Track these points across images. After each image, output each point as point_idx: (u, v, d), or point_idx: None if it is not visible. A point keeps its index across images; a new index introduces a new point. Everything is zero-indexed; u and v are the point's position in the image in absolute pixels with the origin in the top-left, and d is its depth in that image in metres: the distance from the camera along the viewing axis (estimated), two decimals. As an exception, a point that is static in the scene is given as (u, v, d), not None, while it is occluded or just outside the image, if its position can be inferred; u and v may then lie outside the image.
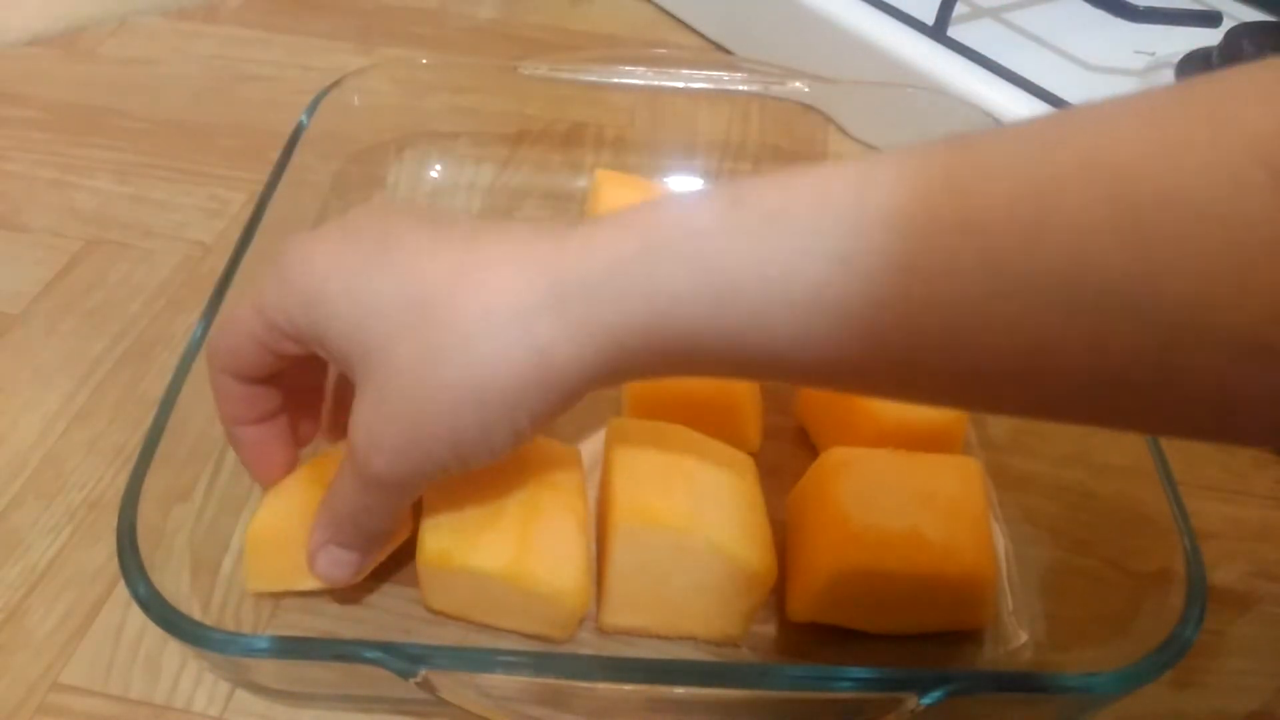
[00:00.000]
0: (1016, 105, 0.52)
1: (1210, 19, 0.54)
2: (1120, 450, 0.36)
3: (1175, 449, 0.36)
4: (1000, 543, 0.39)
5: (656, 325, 0.27)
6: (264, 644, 0.29)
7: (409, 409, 0.28)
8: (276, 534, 0.35)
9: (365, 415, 0.29)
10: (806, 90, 0.51)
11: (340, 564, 0.33)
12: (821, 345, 0.25)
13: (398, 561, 0.37)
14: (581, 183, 0.54)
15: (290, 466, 0.36)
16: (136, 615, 0.32)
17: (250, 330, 0.31)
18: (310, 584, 0.36)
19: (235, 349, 0.32)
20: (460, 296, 0.27)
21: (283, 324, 0.30)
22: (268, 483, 0.35)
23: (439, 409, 0.28)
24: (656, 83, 0.50)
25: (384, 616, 0.36)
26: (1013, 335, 0.23)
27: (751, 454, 0.38)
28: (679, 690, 0.29)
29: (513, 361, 0.27)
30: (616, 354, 0.27)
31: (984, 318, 0.23)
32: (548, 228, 0.29)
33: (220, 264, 0.40)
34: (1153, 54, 0.56)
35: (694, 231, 0.26)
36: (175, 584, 0.32)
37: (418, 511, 0.35)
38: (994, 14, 0.60)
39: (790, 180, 0.26)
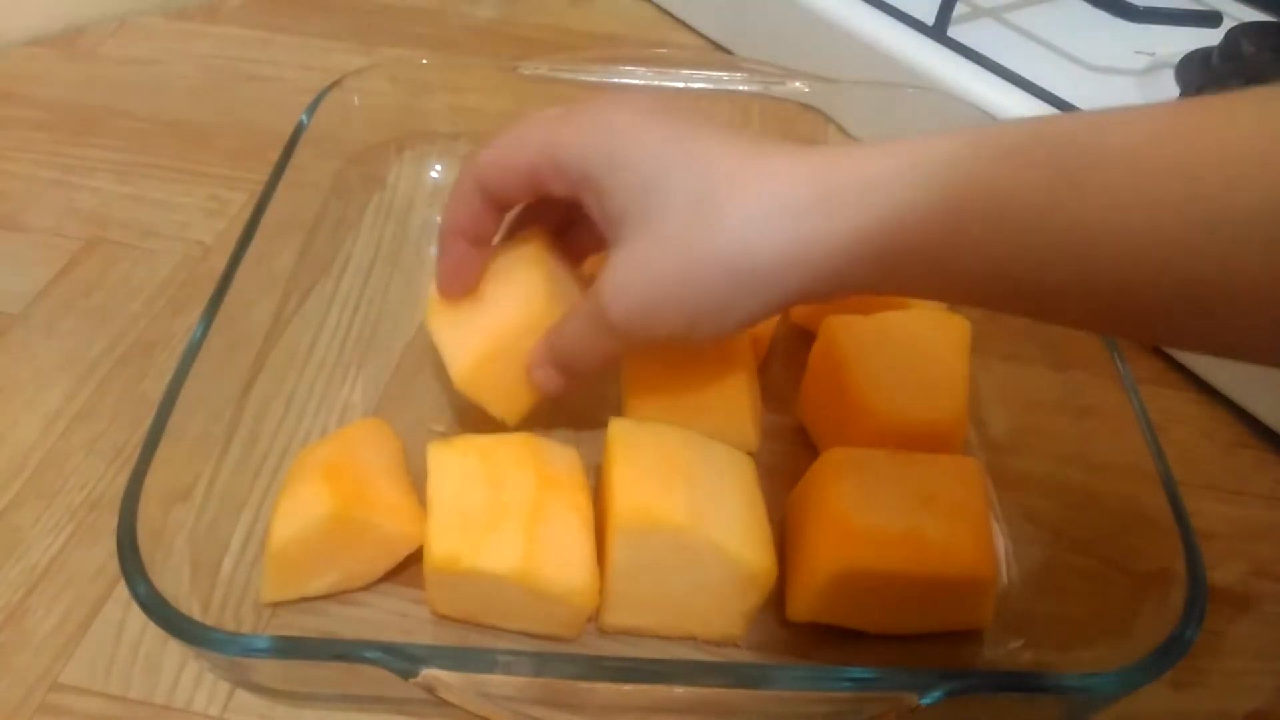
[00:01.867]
0: (1016, 105, 0.52)
1: (1210, 19, 0.54)
2: (1120, 450, 0.36)
3: (1175, 449, 0.36)
4: (1000, 543, 0.39)
5: (895, 236, 0.29)
6: (264, 644, 0.29)
7: (668, 270, 0.32)
8: (296, 545, 0.35)
9: (622, 267, 0.33)
10: (806, 90, 0.51)
11: (550, 381, 0.38)
12: (1026, 264, 0.28)
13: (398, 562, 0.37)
14: (581, 183, 0.54)
15: (467, 290, 0.38)
16: (136, 615, 0.32)
17: (531, 160, 0.35)
18: (321, 587, 0.36)
19: (506, 168, 0.35)
20: (742, 184, 0.31)
21: (570, 167, 0.34)
22: (447, 295, 0.39)
23: (697, 277, 0.32)
24: (656, 83, 0.50)
25: (384, 616, 0.36)
26: (1207, 264, 0.24)
27: (751, 454, 0.38)
28: (679, 690, 0.29)
29: (778, 247, 0.31)
30: (859, 258, 0.30)
31: (1178, 245, 0.25)
32: (817, 147, 0.32)
33: (220, 264, 0.40)
34: (1153, 54, 0.56)
35: (944, 163, 0.29)
36: (175, 584, 0.32)
37: (422, 517, 0.35)
38: (994, 14, 0.60)
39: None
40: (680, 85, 0.50)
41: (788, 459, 0.41)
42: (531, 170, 0.35)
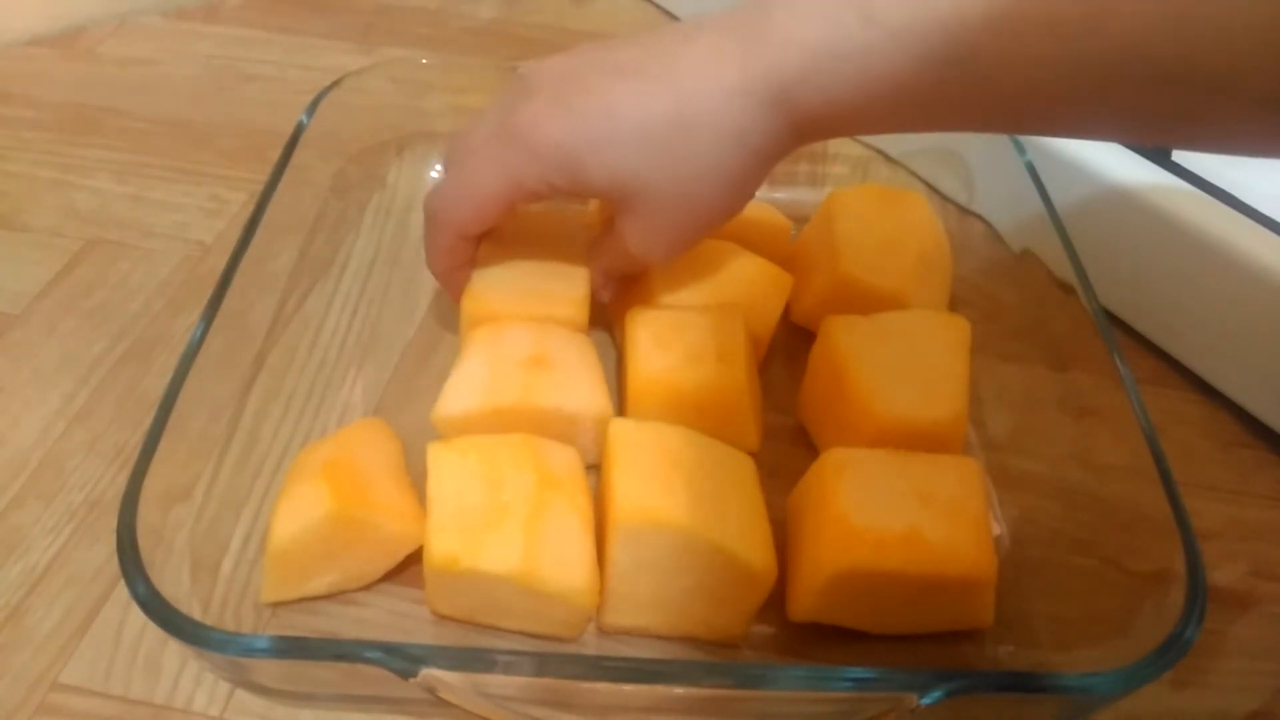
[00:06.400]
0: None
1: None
2: (1120, 450, 0.36)
3: (1175, 449, 0.36)
4: (1000, 543, 0.39)
5: (811, 114, 0.36)
6: (264, 644, 0.29)
7: (674, 216, 0.39)
8: (296, 545, 0.35)
9: (638, 227, 0.40)
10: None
11: (608, 290, 0.45)
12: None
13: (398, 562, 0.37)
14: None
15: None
16: (136, 615, 0.32)
17: (500, 196, 0.39)
18: (321, 587, 0.36)
19: (479, 211, 0.40)
20: (684, 128, 0.36)
21: (542, 189, 0.39)
22: (459, 299, 0.44)
23: (693, 205, 0.38)
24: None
25: (384, 616, 0.36)
26: (1068, 87, 0.31)
27: (751, 454, 0.38)
28: (679, 690, 0.29)
29: (731, 161, 0.37)
30: (791, 129, 0.36)
31: (1041, 73, 0.31)
32: (721, 54, 0.36)
33: (220, 264, 0.40)
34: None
35: (835, 52, 0.34)
36: (175, 584, 0.32)
37: (422, 517, 0.35)
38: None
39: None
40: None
41: (788, 459, 0.41)
42: (504, 204, 0.40)
